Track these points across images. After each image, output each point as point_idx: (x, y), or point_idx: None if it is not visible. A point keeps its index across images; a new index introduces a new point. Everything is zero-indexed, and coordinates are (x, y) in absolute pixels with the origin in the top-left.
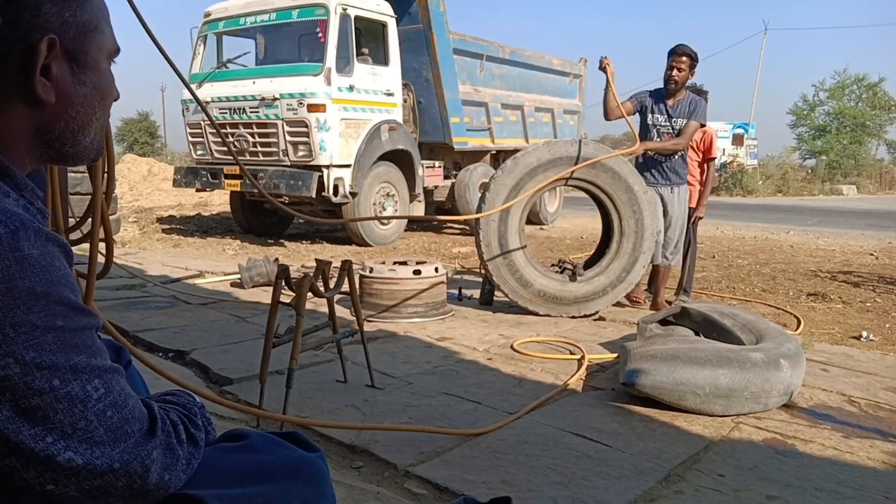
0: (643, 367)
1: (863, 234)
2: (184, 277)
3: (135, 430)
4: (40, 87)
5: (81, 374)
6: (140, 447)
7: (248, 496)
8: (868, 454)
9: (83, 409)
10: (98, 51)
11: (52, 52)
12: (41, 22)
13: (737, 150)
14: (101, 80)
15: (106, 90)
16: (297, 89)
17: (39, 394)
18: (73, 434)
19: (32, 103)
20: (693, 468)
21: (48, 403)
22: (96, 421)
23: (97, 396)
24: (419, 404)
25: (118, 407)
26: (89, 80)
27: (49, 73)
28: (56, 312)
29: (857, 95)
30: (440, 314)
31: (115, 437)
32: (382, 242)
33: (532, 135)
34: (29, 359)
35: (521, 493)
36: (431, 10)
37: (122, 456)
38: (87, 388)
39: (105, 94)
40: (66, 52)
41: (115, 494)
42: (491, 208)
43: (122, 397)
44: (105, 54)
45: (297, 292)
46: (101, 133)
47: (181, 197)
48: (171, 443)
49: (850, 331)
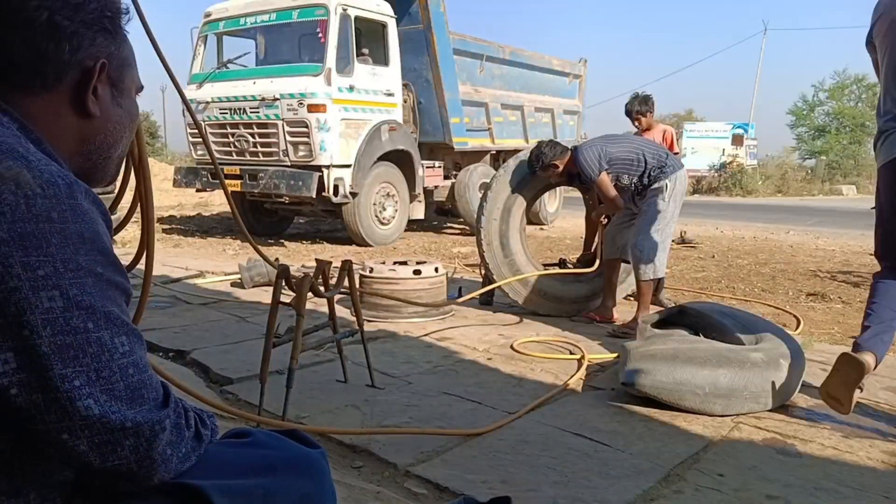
0: (643, 367)
1: (863, 234)
2: (184, 277)
3: (150, 397)
4: (90, 103)
5: (112, 325)
6: (153, 413)
7: (248, 488)
8: (868, 454)
9: (109, 358)
10: (131, 82)
11: (101, 75)
12: (95, 51)
13: (736, 150)
14: (132, 106)
15: (135, 116)
16: (297, 89)
17: (74, 332)
18: (97, 381)
19: (82, 115)
20: (693, 468)
21: (80, 344)
22: (119, 374)
23: (122, 351)
24: (419, 404)
25: (139, 368)
26: (124, 104)
27: (97, 93)
28: (98, 260)
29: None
30: (440, 314)
31: (133, 396)
32: (382, 242)
33: (532, 135)
34: (72, 294)
35: (521, 493)
36: (431, 10)
37: (136, 416)
38: (115, 341)
39: (133, 119)
40: (109, 78)
41: (120, 454)
42: (493, 208)
43: (143, 362)
44: (135, 87)
45: (297, 292)
46: (124, 155)
47: (181, 197)
48: (180, 423)
49: (850, 331)
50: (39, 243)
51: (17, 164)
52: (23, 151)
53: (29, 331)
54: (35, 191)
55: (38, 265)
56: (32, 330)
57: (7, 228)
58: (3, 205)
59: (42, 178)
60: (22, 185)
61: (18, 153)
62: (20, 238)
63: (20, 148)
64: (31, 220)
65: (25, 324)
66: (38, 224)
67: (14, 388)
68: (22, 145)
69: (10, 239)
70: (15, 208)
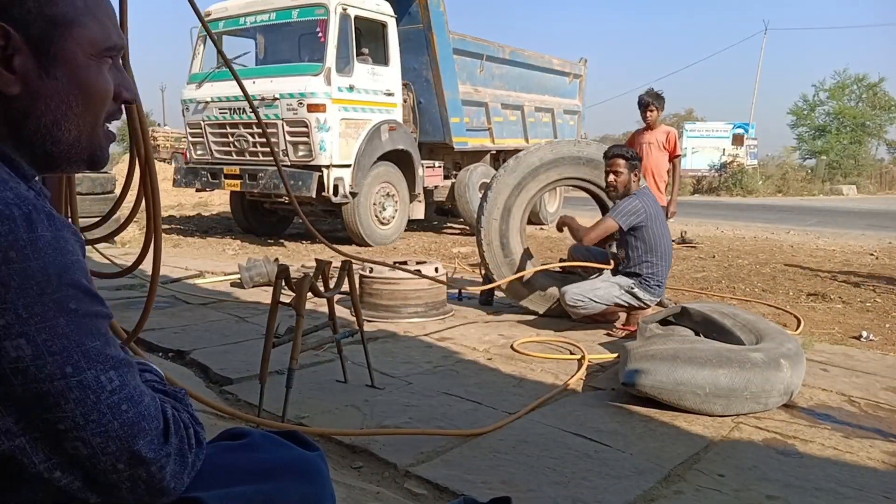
0: (643, 367)
1: (863, 234)
2: (184, 277)
3: (151, 428)
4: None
5: (95, 364)
6: (152, 450)
7: (247, 495)
8: (868, 454)
9: (96, 399)
10: (76, 45)
11: (10, 42)
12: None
13: (737, 150)
14: (80, 75)
15: (89, 87)
16: (297, 89)
17: (50, 379)
18: (86, 425)
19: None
20: (693, 468)
21: (60, 390)
22: (110, 414)
23: (111, 388)
24: (419, 404)
25: (133, 402)
26: (62, 74)
27: (11, 65)
28: (69, 295)
29: (857, 95)
30: (440, 314)
31: (130, 433)
32: (382, 242)
33: (532, 135)
34: (40, 341)
35: (521, 493)
36: (431, 10)
37: (132, 458)
38: (100, 379)
39: (88, 92)
40: (31, 44)
41: (118, 494)
42: (493, 207)
43: (137, 393)
44: (88, 50)
45: (297, 292)
46: (94, 134)
47: (181, 197)
48: (184, 449)
49: (850, 331)
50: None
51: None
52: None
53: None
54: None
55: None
56: (3, 380)
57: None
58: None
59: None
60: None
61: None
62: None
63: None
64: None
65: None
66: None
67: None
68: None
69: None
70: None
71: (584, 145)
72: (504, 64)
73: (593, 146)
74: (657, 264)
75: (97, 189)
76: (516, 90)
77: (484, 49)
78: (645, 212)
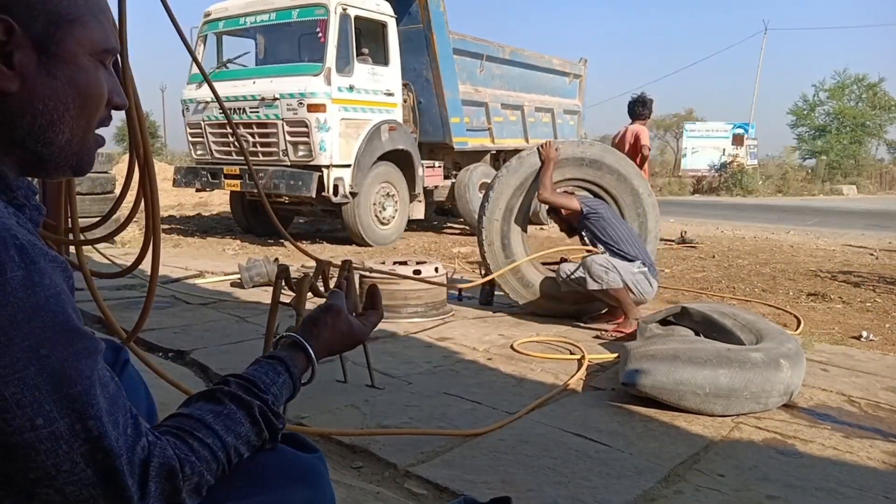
0: (643, 367)
1: (863, 234)
2: (184, 277)
3: (125, 484)
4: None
5: (70, 412)
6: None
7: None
8: (868, 454)
9: (68, 450)
10: (77, 45)
11: (12, 37)
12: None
13: (737, 150)
14: (80, 76)
15: (87, 89)
16: (297, 89)
17: (20, 432)
18: (58, 475)
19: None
20: (693, 468)
21: (29, 443)
22: (83, 463)
23: (85, 437)
24: (419, 404)
25: (107, 453)
26: (61, 74)
27: (11, 60)
28: (41, 340)
29: (857, 95)
30: (440, 314)
31: (106, 480)
32: (382, 242)
33: (532, 135)
34: (9, 394)
35: (521, 493)
36: (431, 10)
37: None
38: (75, 428)
39: (85, 94)
40: (33, 41)
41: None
42: (495, 208)
43: (116, 444)
44: (88, 51)
45: (297, 292)
46: (84, 139)
47: (181, 197)
48: (176, 489)
49: (850, 331)
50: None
51: None
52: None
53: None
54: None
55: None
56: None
57: None
58: None
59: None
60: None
61: None
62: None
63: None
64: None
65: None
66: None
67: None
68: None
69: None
70: None
71: (587, 146)
72: (504, 64)
73: (597, 147)
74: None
75: (97, 189)
76: (516, 90)
77: (484, 49)
78: (602, 210)
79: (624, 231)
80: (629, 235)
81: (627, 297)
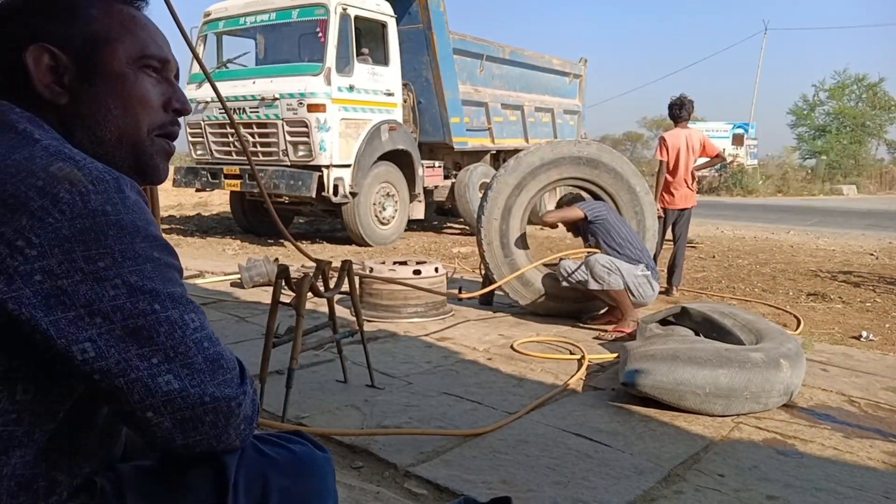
0: (643, 367)
1: (863, 234)
2: (184, 277)
3: (229, 368)
4: (47, 92)
5: (178, 304)
6: (232, 388)
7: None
8: (868, 454)
9: (182, 334)
10: (112, 57)
11: (58, 62)
12: (28, 35)
13: (737, 150)
14: (117, 82)
15: (125, 91)
16: (296, 89)
17: (143, 315)
18: (175, 357)
19: (52, 107)
20: (693, 468)
21: (151, 325)
22: (195, 348)
23: (194, 326)
24: (419, 404)
25: (213, 342)
26: (100, 82)
27: (62, 81)
28: (154, 245)
29: (857, 95)
30: (440, 314)
31: (213, 368)
32: (382, 242)
33: (532, 135)
34: (133, 281)
35: (521, 493)
36: (431, 10)
37: (215, 391)
38: (185, 318)
39: (126, 97)
40: (74, 60)
41: (201, 430)
42: (494, 207)
43: (214, 336)
44: (125, 61)
45: (297, 292)
46: (138, 140)
47: (181, 197)
48: (255, 399)
49: (850, 331)
50: (98, 237)
51: (67, 165)
52: (68, 152)
53: (101, 318)
54: (88, 187)
55: (99, 257)
56: (105, 317)
57: (68, 225)
58: (61, 203)
59: (92, 175)
60: (75, 182)
61: (65, 154)
62: (80, 233)
63: (65, 149)
64: (89, 215)
65: (97, 312)
66: (94, 218)
67: (97, 374)
68: (66, 147)
69: (72, 235)
70: (73, 206)
71: (584, 145)
72: (504, 64)
73: (593, 146)
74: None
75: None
76: (516, 90)
77: (484, 49)
78: (606, 213)
79: (627, 234)
80: (633, 238)
81: (626, 298)
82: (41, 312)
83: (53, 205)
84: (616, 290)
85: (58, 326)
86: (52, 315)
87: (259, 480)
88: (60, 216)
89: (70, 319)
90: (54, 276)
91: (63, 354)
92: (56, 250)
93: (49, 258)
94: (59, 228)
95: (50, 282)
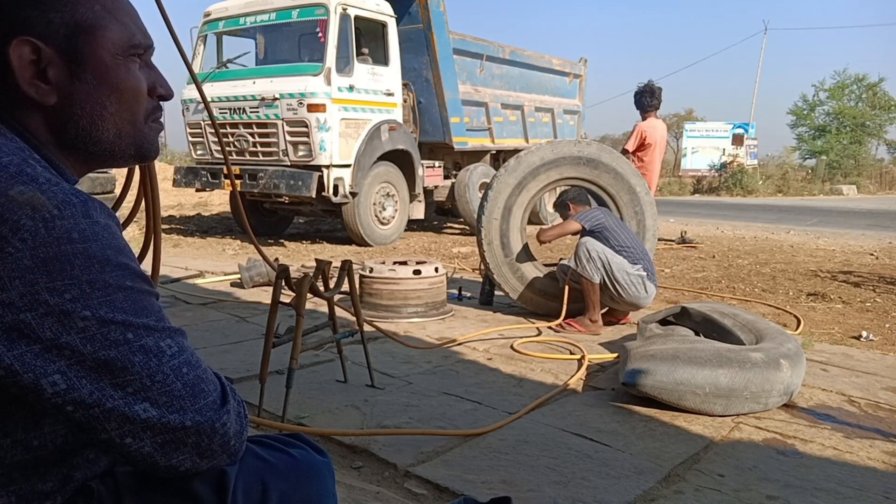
0: (643, 367)
1: (863, 234)
2: (184, 277)
3: (210, 391)
4: (32, 90)
5: (153, 332)
6: (213, 411)
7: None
8: (868, 454)
9: (158, 362)
10: (100, 48)
11: (41, 55)
12: (6, 27)
13: (737, 150)
14: (109, 75)
15: (118, 85)
16: (297, 89)
17: (116, 345)
18: (152, 386)
19: (38, 107)
20: (693, 468)
21: (125, 355)
22: (172, 375)
23: (171, 353)
24: (419, 404)
25: (192, 366)
26: (91, 77)
27: (46, 76)
28: (125, 274)
29: (857, 95)
30: (440, 314)
31: (193, 392)
32: (382, 242)
33: (532, 135)
34: (103, 314)
35: (521, 493)
36: (431, 10)
37: (196, 416)
38: (160, 345)
39: (119, 90)
40: (59, 53)
41: (183, 451)
42: (494, 207)
43: (194, 358)
44: (112, 51)
45: (297, 292)
46: (135, 130)
47: (181, 197)
48: (241, 412)
49: (850, 331)
50: (63, 267)
51: (28, 188)
52: (31, 172)
53: (70, 350)
54: (52, 212)
55: (65, 289)
56: (73, 349)
57: (30, 255)
58: (22, 231)
59: (57, 199)
60: (38, 208)
61: (27, 175)
62: (43, 263)
63: (28, 168)
64: (53, 243)
65: (65, 345)
66: (59, 247)
67: (69, 405)
68: (29, 164)
69: (34, 266)
70: (35, 234)
71: (584, 145)
72: (504, 64)
73: (594, 146)
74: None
75: (97, 189)
76: (516, 90)
77: (484, 49)
78: (605, 219)
79: (626, 238)
80: (632, 242)
81: (598, 295)
82: (3, 347)
83: (13, 233)
84: (589, 282)
85: (23, 361)
86: (14, 349)
87: (258, 486)
88: (21, 245)
89: (36, 353)
90: (16, 310)
91: (31, 388)
92: (17, 282)
93: (9, 291)
94: (20, 259)
95: (11, 315)
